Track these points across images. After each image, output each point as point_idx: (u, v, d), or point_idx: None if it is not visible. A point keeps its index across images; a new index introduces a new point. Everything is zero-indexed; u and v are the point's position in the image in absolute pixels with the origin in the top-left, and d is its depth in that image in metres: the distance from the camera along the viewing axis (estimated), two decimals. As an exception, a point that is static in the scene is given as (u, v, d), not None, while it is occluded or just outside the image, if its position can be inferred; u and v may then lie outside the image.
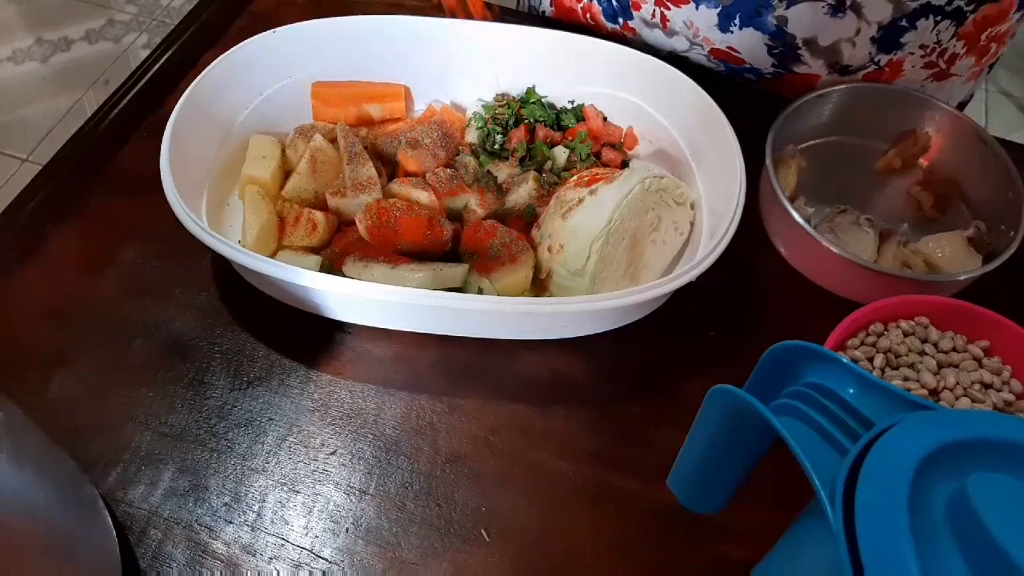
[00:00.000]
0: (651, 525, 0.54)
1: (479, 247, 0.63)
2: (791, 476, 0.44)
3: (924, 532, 0.28)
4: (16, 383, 0.59)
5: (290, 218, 0.65)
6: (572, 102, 0.74)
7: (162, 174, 0.58)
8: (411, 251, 0.63)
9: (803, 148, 0.71)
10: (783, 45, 0.73)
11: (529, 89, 0.74)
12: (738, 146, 0.62)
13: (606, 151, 0.72)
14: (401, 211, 0.64)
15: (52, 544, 0.44)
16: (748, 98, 0.64)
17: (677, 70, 0.68)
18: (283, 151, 0.70)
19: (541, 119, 0.73)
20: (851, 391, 0.33)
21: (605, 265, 0.60)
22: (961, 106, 0.85)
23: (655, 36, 0.80)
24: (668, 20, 0.77)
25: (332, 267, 0.63)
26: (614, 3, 0.80)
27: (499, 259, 0.62)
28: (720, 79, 0.78)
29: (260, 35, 0.68)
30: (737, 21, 0.72)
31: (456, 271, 0.61)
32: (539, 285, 0.64)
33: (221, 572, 0.52)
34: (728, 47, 0.75)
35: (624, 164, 0.71)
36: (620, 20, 0.81)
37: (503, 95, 0.75)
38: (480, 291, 0.61)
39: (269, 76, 0.70)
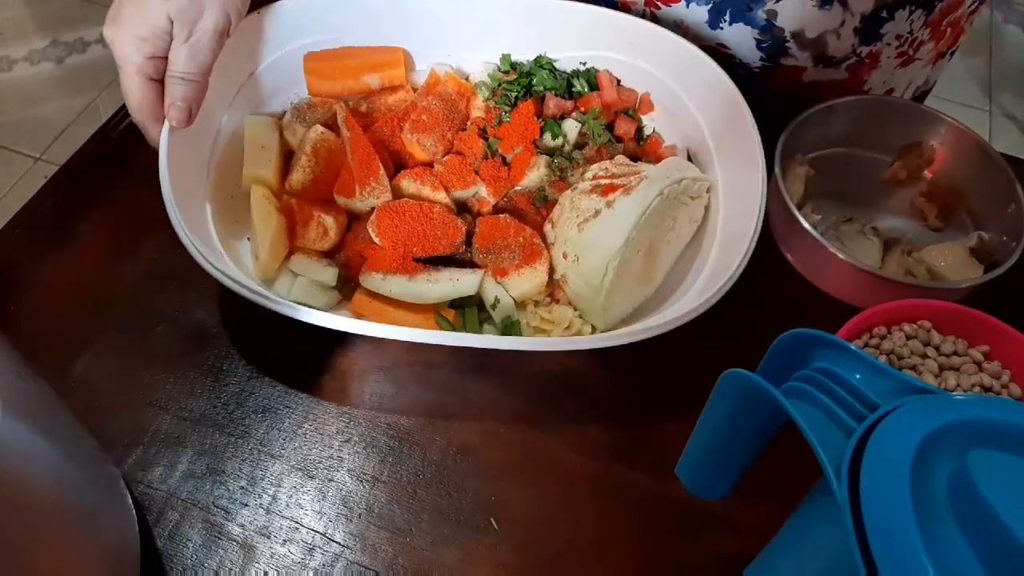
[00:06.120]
0: (657, 518, 0.56)
1: (493, 245, 0.64)
2: (796, 475, 0.46)
3: (926, 507, 0.29)
4: (41, 363, 0.60)
5: (300, 218, 0.65)
6: (584, 64, 0.73)
7: (163, 186, 0.59)
8: (425, 255, 0.64)
9: (811, 157, 0.73)
10: (772, 39, 0.75)
11: (539, 55, 0.72)
12: (757, 134, 0.63)
13: (620, 121, 0.71)
14: (413, 216, 0.64)
15: (80, 520, 0.46)
16: (758, 107, 0.66)
17: (695, 47, 0.69)
18: (280, 134, 0.69)
19: (551, 88, 0.71)
20: (858, 376, 0.35)
21: (620, 276, 0.61)
22: (922, 94, 0.89)
23: None
24: (659, 20, 0.78)
25: (347, 275, 0.64)
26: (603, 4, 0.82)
27: (514, 261, 0.63)
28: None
29: (245, 17, 0.66)
30: (727, 17, 0.75)
31: (472, 279, 0.62)
32: (552, 284, 0.64)
33: (236, 553, 0.54)
34: (718, 43, 0.78)
35: (639, 131, 0.72)
36: None
37: (509, 57, 0.72)
38: (497, 300, 0.62)
39: (257, 53, 0.69)
